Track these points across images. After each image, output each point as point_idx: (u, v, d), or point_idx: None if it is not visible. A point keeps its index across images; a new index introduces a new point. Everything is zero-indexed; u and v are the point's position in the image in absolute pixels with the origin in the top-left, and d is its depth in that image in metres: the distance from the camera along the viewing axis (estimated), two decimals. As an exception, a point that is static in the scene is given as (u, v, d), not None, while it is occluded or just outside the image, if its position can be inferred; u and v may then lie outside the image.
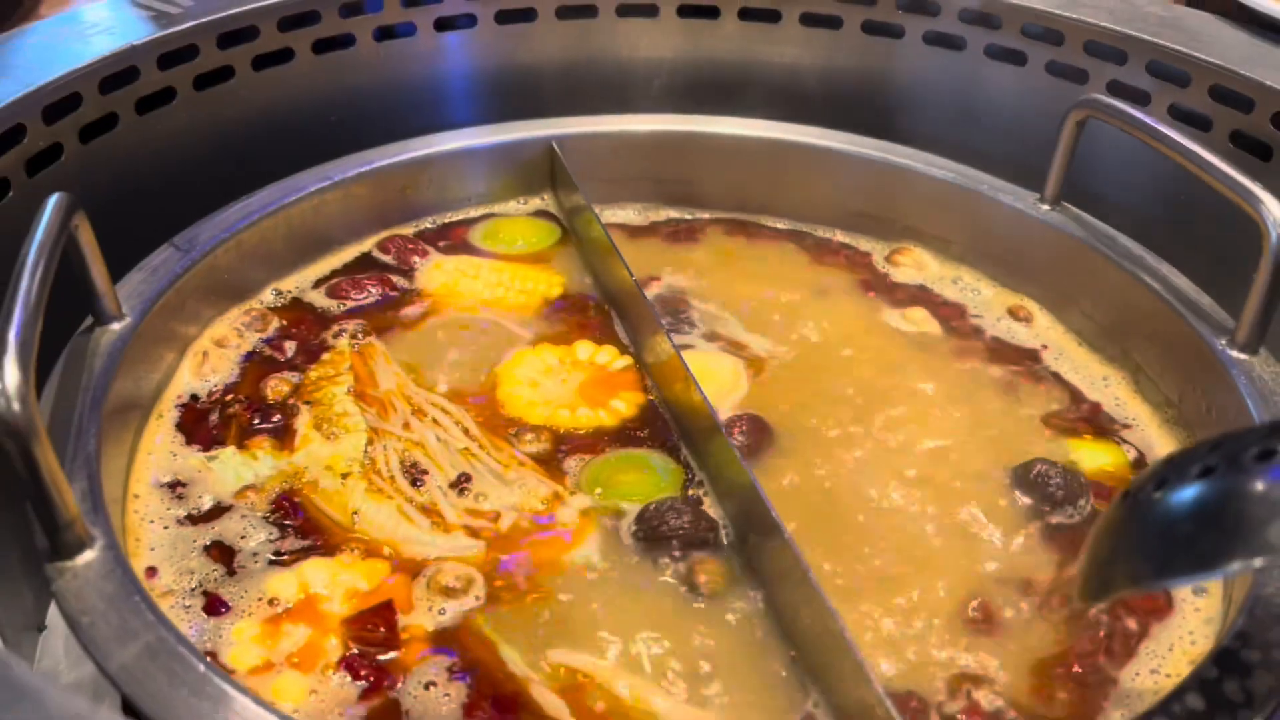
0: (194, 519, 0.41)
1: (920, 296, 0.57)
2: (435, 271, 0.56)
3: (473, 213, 0.62)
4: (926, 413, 0.49)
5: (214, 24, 0.55)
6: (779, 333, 0.53)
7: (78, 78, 0.49)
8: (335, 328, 0.51)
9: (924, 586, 0.40)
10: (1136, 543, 0.27)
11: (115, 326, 0.44)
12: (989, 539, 0.42)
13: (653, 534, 0.39)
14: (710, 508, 0.42)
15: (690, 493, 0.43)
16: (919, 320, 0.55)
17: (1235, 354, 0.45)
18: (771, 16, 0.65)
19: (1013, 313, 0.56)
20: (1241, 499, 0.25)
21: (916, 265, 0.60)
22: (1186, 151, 0.45)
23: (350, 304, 0.53)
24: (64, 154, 0.48)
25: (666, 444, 0.45)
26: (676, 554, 0.39)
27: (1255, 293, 0.43)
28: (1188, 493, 0.26)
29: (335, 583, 0.38)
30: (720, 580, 0.39)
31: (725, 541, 0.41)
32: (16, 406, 0.31)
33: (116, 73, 0.51)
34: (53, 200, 0.39)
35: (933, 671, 0.37)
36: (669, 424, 0.46)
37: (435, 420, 0.45)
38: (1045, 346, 0.54)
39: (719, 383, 0.49)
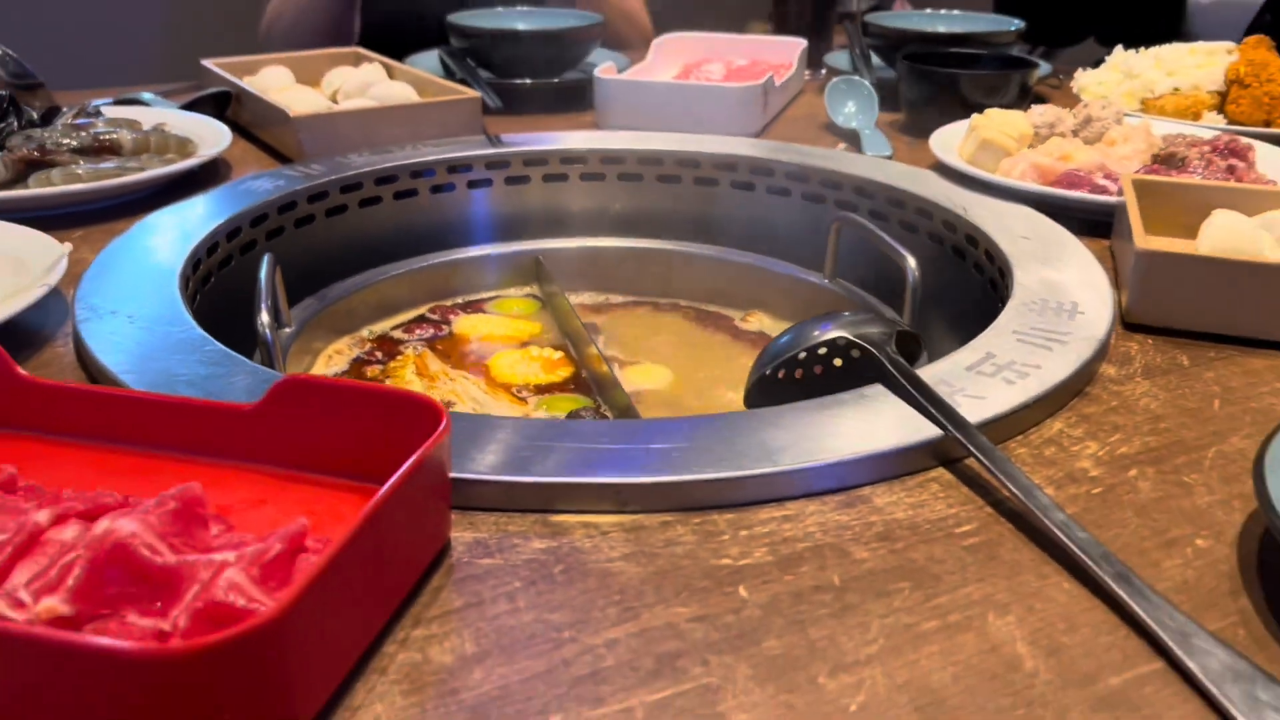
0: (329, 426, 0.73)
1: (760, 339, 0.90)
2: (463, 322, 0.90)
3: (487, 294, 0.96)
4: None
5: (338, 180, 0.91)
6: (669, 353, 0.87)
7: (265, 205, 0.84)
8: (404, 347, 0.85)
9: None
10: (759, 361, 0.59)
11: (286, 332, 0.78)
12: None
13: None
14: (606, 412, 0.74)
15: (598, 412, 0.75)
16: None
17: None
18: (675, 180, 1.01)
19: (812, 345, 0.89)
20: (802, 331, 0.57)
21: (759, 322, 0.93)
22: (876, 239, 0.79)
23: (414, 337, 0.87)
24: (257, 246, 0.83)
25: (588, 394, 0.78)
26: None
27: (905, 311, 0.76)
28: (785, 334, 0.58)
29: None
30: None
31: (612, 428, 0.73)
32: (269, 333, 0.64)
33: (285, 204, 0.86)
34: (266, 256, 0.73)
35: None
36: (590, 385, 0.79)
37: (462, 384, 0.78)
38: (827, 361, 0.86)
39: (656, 378, 0.82)
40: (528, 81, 1.22)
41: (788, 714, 0.35)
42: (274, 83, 1.14)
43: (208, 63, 1.16)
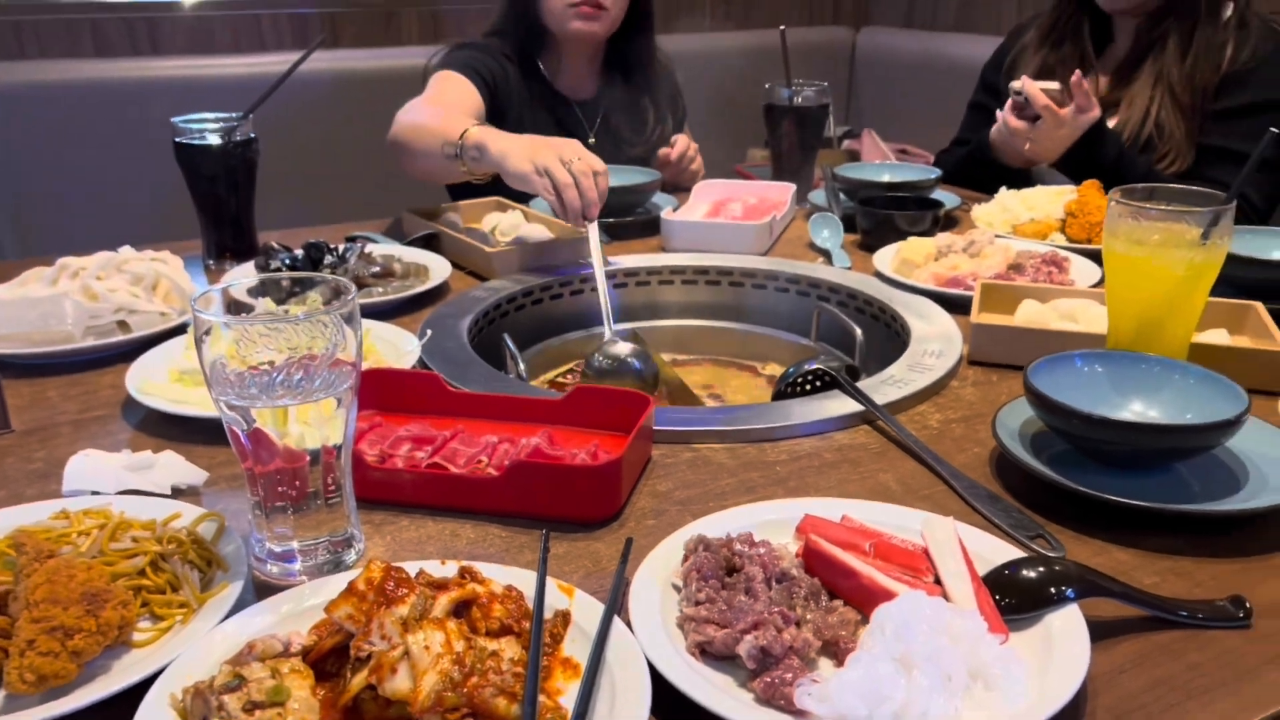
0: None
1: (773, 379, 1.45)
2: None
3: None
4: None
5: (519, 289, 1.46)
6: (722, 389, 1.41)
7: (488, 305, 1.40)
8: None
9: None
10: (777, 384, 1.14)
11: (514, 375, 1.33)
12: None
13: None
14: (693, 414, 1.29)
15: (688, 415, 1.30)
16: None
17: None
18: (717, 283, 1.57)
19: (805, 381, 1.43)
20: (799, 367, 1.12)
21: (772, 369, 1.48)
22: (840, 319, 1.34)
23: (570, 383, 1.42)
24: (484, 330, 1.38)
25: (680, 407, 1.33)
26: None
27: (856, 357, 1.30)
28: (790, 369, 1.13)
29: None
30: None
31: (698, 424, 1.27)
32: (524, 374, 1.19)
33: (495, 304, 1.42)
34: (505, 335, 1.28)
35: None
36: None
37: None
38: (815, 390, 1.41)
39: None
40: (610, 220, 1.79)
41: (798, 500, 0.89)
42: (449, 224, 1.70)
43: (408, 212, 1.73)
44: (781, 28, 1.94)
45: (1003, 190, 1.80)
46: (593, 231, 1.38)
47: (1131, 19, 1.92)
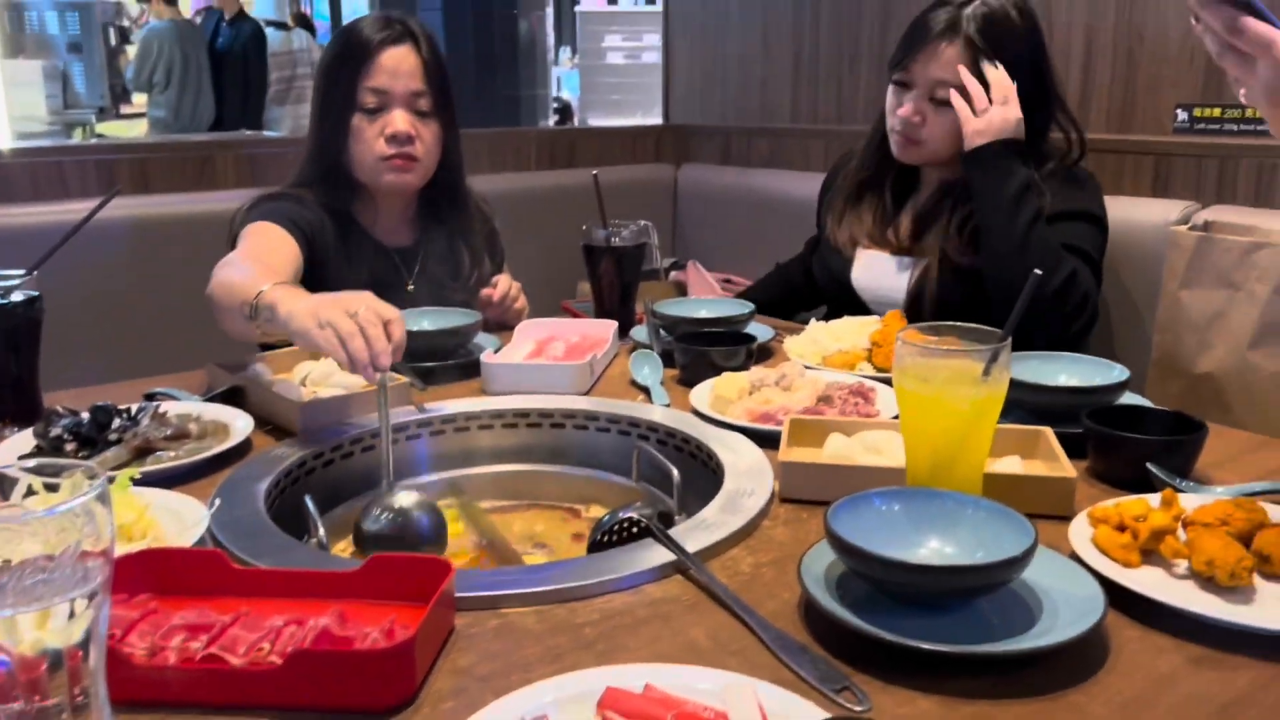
0: (348, 593, 1.20)
1: (593, 521, 1.42)
2: (413, 526, 1.39)
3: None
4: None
5: (330, 443, 1.40)
6: (542, 533, 1.37)
7: (290, 464, 1.32)
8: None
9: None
10: (592, 532, 1.11)
11: (314, 541, 1.25)
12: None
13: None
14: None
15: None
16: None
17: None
18: (538, 425, 1.54)
19: (628, 524, 1.41)
20: (614, 515, 1.10)
21: (595, 511, 1.45)
22: (657, 459, 1.33)
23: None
24: (286, 491, 1.31)
25: (498, 562, 1.27)
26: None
27: (674, 497, 1.29)
28: (605, 517, 1.10)
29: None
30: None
31: (515, 579, 1.22)
32: (324, 540, 1.12)
33: (304, 462, 1.34)
34: (308, 496, 1.21)
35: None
36: (499, 558, 1.29)
37: (422, 561, 1.27)
38: (637, 533, 1.38)
39: (538, 555, 1.32)
40: (432, 364, 1.74)
41: (603, 669, 0.85)
42: (255, 375, 1.62)
43: (213, 365, 1.65)
44: (594, 173, 1.97)
45: (812, 322, 1.87)
46: (381, 384, 1.32)
47: (934, 169, 2.02)
